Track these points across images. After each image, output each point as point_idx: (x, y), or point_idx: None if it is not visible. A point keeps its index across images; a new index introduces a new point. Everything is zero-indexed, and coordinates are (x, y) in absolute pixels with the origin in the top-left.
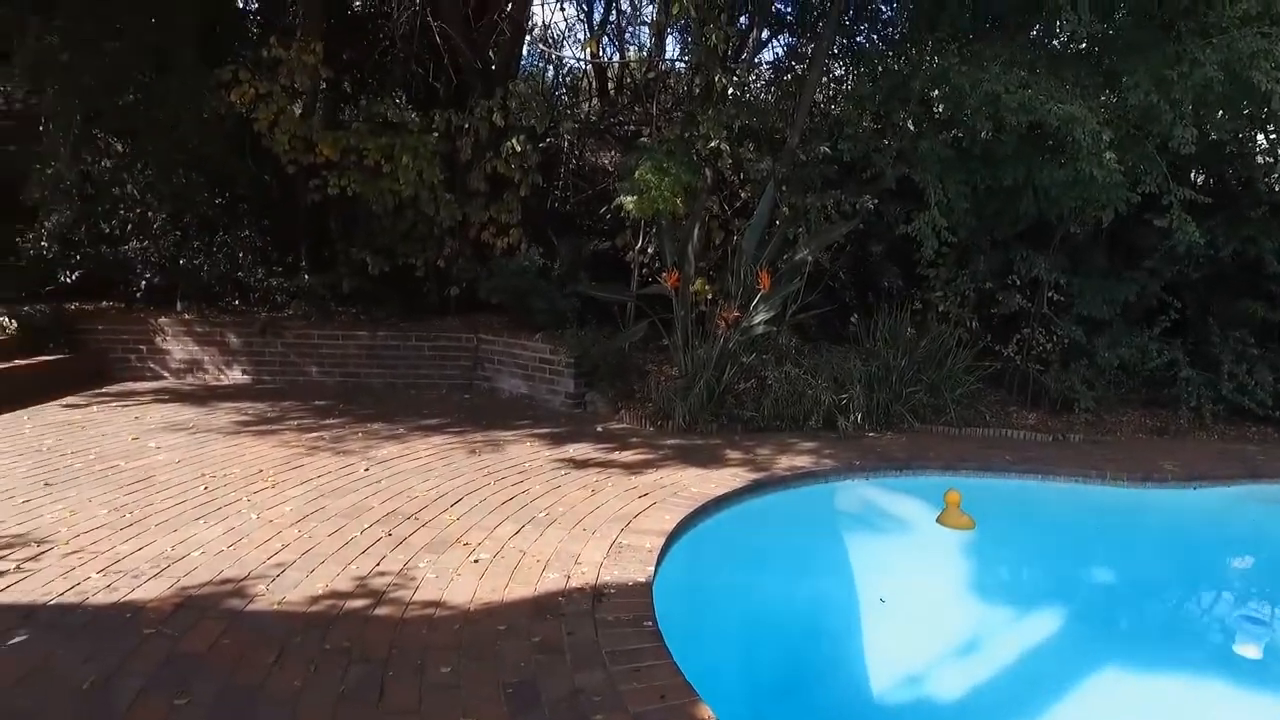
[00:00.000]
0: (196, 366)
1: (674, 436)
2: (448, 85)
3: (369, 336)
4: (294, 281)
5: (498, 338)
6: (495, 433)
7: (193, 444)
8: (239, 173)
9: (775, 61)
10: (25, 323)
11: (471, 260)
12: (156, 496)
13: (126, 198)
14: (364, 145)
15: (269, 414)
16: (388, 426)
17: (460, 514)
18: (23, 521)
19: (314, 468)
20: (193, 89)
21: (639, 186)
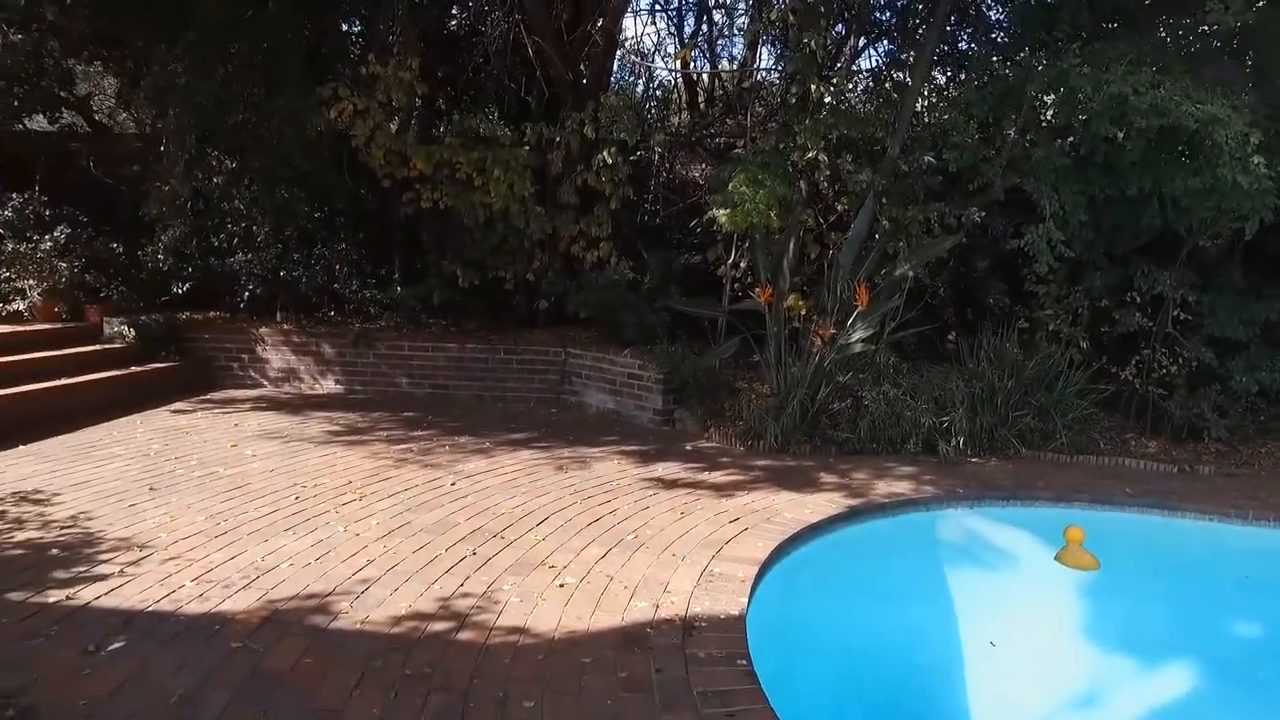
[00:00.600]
0: (293, 375)
1: (765, 457)
2: (539, 99)
3: (458, 349)
4: (387, 293)
5: (586, 352)
6: (582, 449)
7: (286, 453)
8: (337, 187)
9: (875, 69)
10: (142, 331)
11: (561, 274)
12: (250, 505)
13: (234, 212)
14: (456, 159)
15: (359, 424)
16: (475, 440)
17: (546, 534)
18: (129, 525)
19: (401, 480)
20: (296, 107)
21: (732, 199)
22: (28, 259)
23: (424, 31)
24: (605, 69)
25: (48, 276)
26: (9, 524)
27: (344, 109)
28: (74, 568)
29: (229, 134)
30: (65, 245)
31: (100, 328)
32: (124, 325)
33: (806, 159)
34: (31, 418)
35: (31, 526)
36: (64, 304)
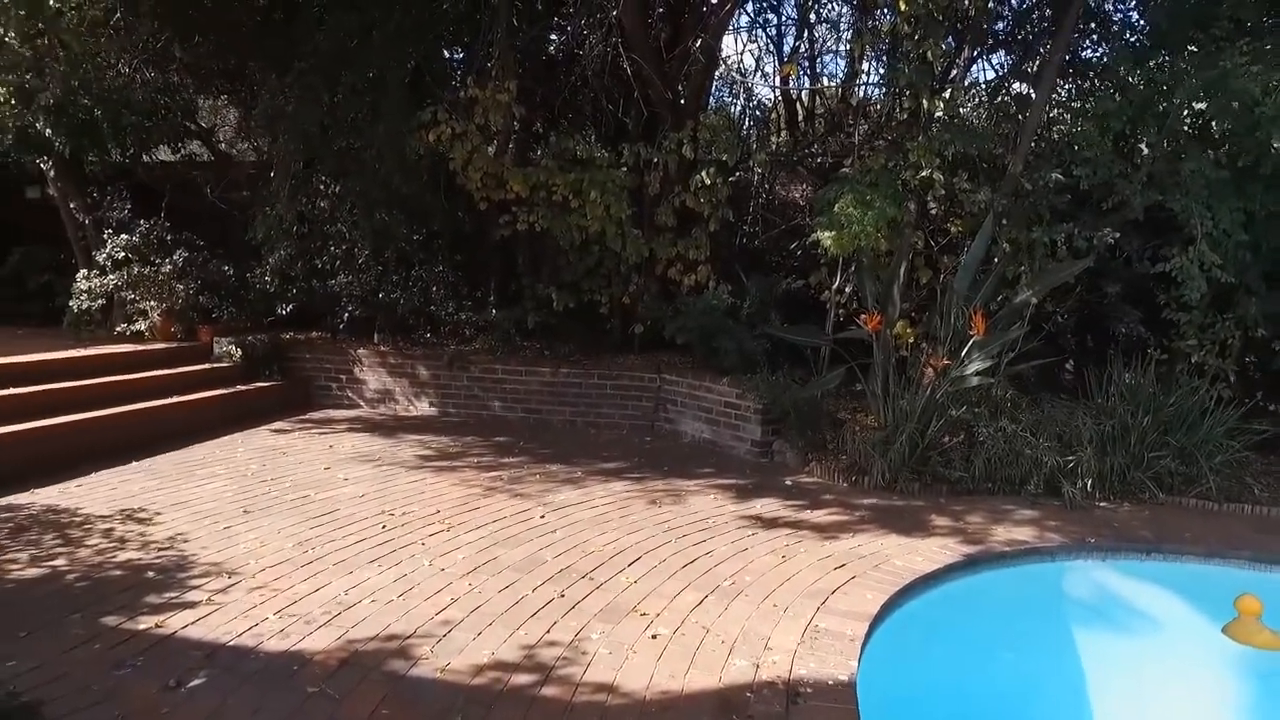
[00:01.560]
0: (388, 397)
1: (871, 495)
2: (637, 119)
3: (551, 373)
4: (482, 316)
5: (681, 379)
6: (677, 481)
7: (378, 477)
8: (434, 210)
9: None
10: (248, 351)
11: (657, 298)
12: (338, 533)
13: (336, 235)
14: (552, 181)
15: (451, 449)
16: (566, 469)
17: (638, 575)
18: (221, 549)
19: (490, 511)
20: (396, 131)
21: (838, 221)
22: (150, 281)
23: (522, 55)
24: (704, 88)
25: (167, 298)
26: (113, 543)
27: (442, 132)
28: (166, 593)
29: (333, 159)
30: (183, 268)
31: (211, 347)
32: (232, 345)
33: (919, 178)
34: (147, 434)
35: (133, 547)
36: (180, 324)
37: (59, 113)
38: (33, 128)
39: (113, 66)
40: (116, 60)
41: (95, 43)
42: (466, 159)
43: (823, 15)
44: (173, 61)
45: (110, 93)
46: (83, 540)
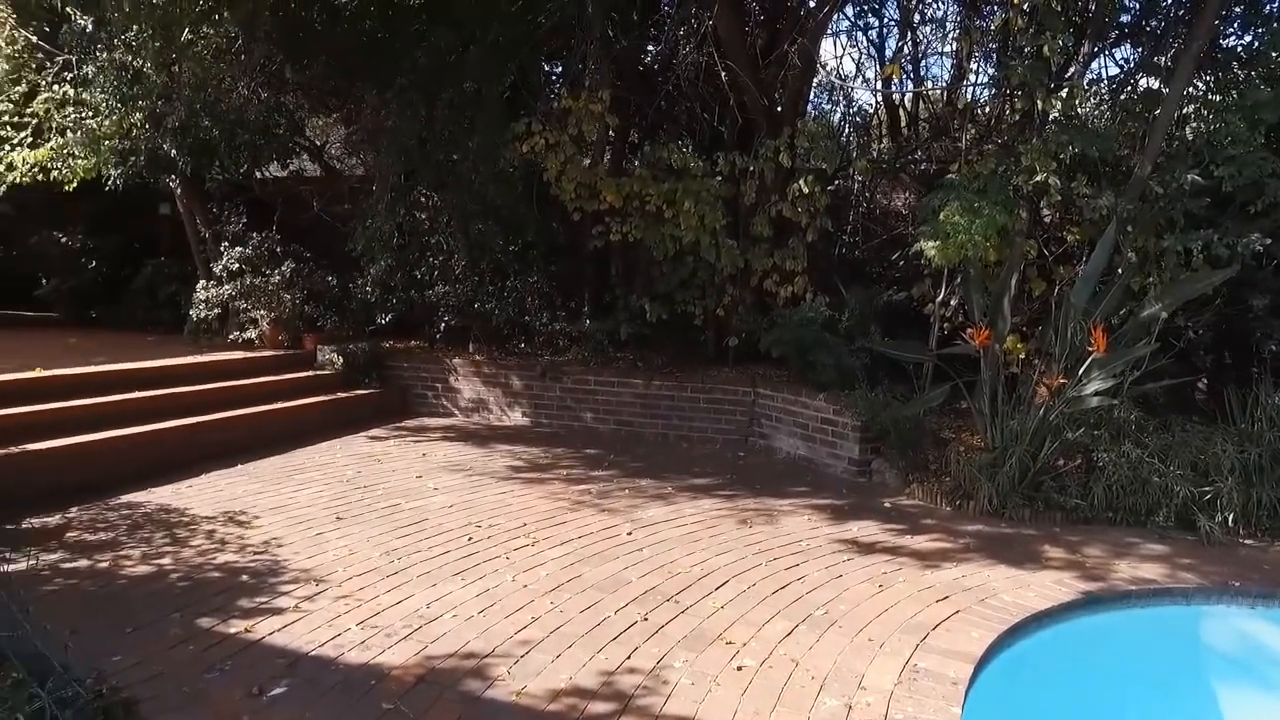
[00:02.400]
0: (482, 406)
1: (976, 521)
2: (732, 128)
3: (644, 385)
4: (576, 326)
5: (776, 393)
6: (769, 500)
7: (467, 487)
8: (529, 221)
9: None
10: (349, 360)
11: (752, 309)
12: (425, 543)
13: (434, 247)
14: (646, 191)
15: (541, 460)
16: (656, 484)
17: (725, 600)
18: (312, 555)
19: (576, 526)
20: (491, 143)
21: (943, 230)
22: (261, 291)
23: (616, 65)
24: (801, 94)
25: (275, 307)
26: (214, 544)
27: (536, 144)
28: (257, 597)
29: (431, 171)
30: (290, 279)
31: (314, 355)
32: (334, 353)
33: (1032, 183)
34: (254, 438)
35: (231, 549)
36: (287, 333)
37: (183, 134)
38: (161, 148)
39: (231, 90)
40: (234, 83)
41: (216, 68)
42: (560, 170)
43: (927, 15)
44: (284, 83)
45: (228, 113)
46: (187, 540)
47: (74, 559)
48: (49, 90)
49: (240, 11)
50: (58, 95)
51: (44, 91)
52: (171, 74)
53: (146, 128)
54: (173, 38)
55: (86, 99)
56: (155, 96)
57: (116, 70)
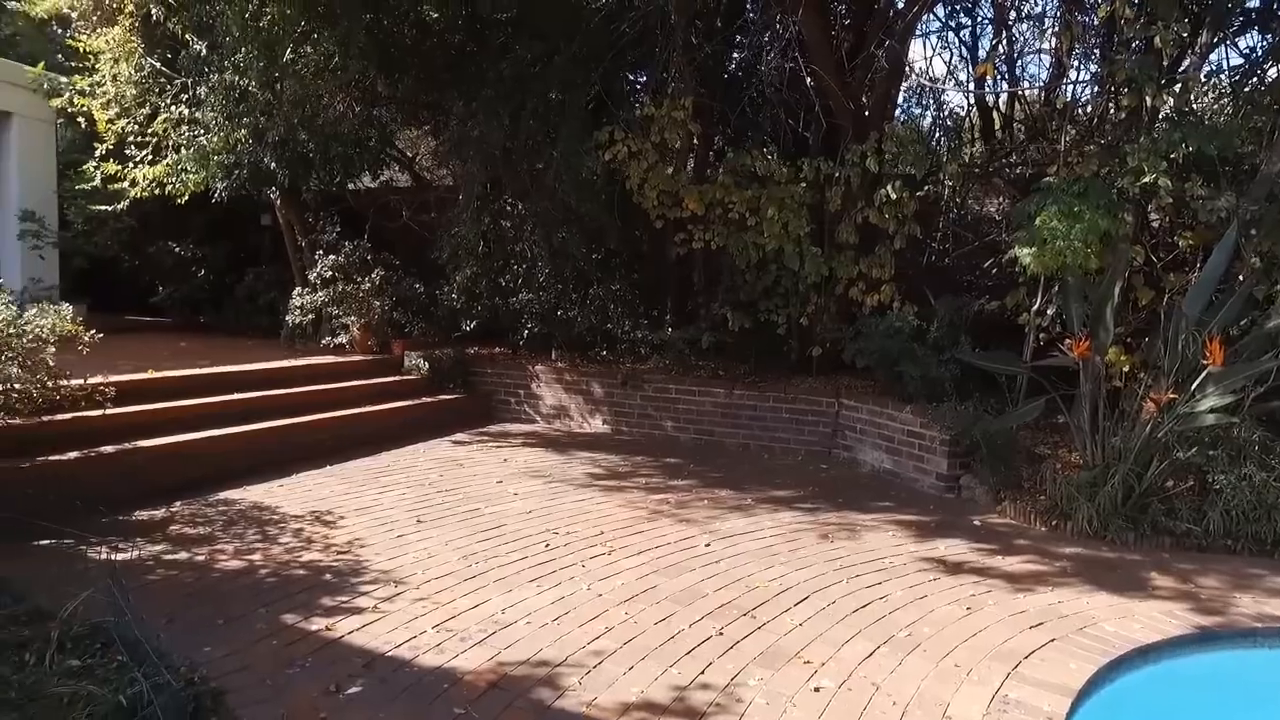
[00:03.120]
0: (563, 413)
1: (1074, 544)
2: (816, 133)
3: (725, 394)
4: (657, 334)
5: (861, 404)
6: (852, 515)
7: (546, 494)
8: (611, 229)
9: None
10: (434, 365)
11: (836, 318)
12: (503, 549)
13: (517, 255)
14: (729, 198)
15: (620, 468)
16: (735, 494)
17: (803, 618)
18: (392, 556)
19: (654, 535)
20: (574, 151)
21: (1040, 236)
22: (352, 298)
23: (700, 71)
24: (889, 98)
25: (365, 313)
26: (300, 543)
27: (619, 151)
28: (339, 596)
29: (515, 180)
30: (380, 286)
31: (402, 360)
32: (420, 359)
33: (1140, 184)
34: (343, 440)
35: (316, 548)
36: (376, 338)
37: (282, 147)
38: (262, 162)
39: (328, 105)
40: (330, 99)
41: (314, 84)
42: (643, 177)
43: (1024, 12)
44: (377, 97)
45: (324, 127)
46: (277, 538)
47: (174, 551)
48: (166, 111)
49: (338, 30)
50: (174, 115)
51: (163, 112)
52: (274, 91)
53: (249, 143)
54: (275, 57)
55: (199, 118)
56: (258, 113)
57: (225, 90)
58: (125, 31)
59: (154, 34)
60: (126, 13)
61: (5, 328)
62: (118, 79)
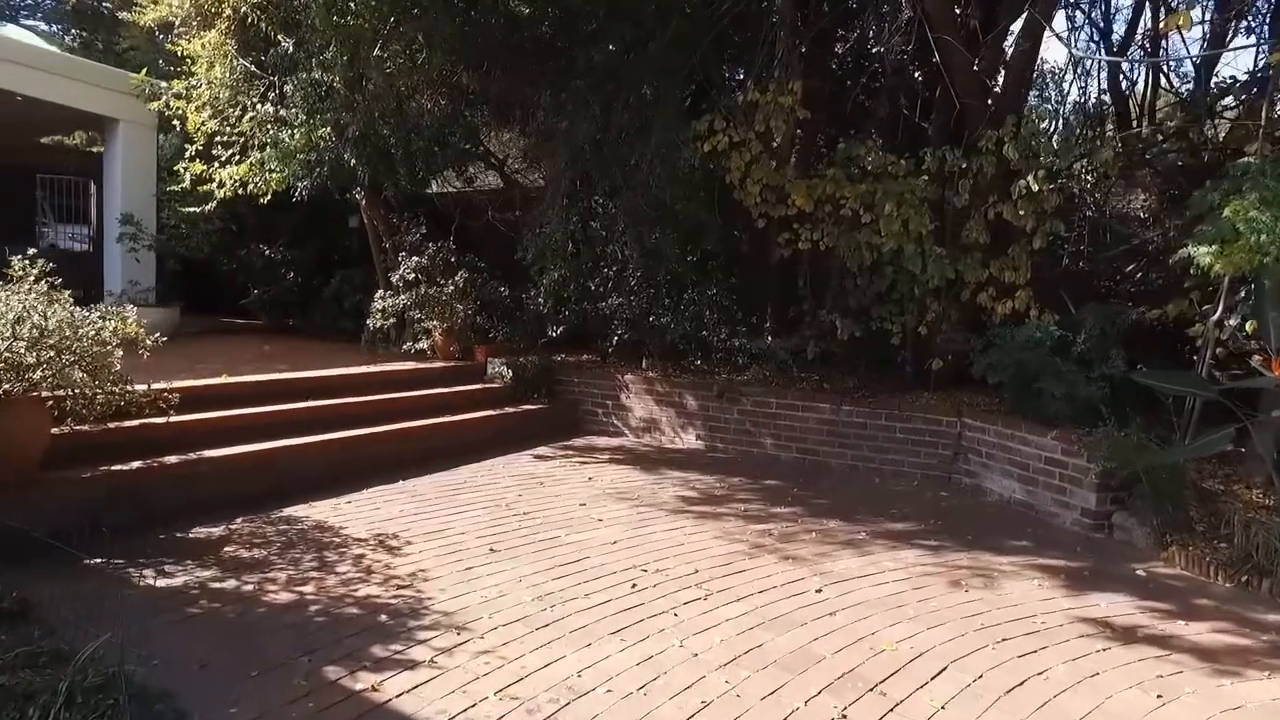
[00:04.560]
0: (654, 426)
1: (1276, 609)
2: (940, 120)
3: (831, 410)
4: (756, 343)
5: (988, 425)
6: (984, 556)
7: (634, 520)
8: (709, 228)
9: None
10: (518, 373)
11: (959, 327)
12: (583, 588)
13: (608, 257)
14: (840, 193)
15: (716, 491)
16: (846, 526)
17: (944, 696)
18: (458, 595)
19: (756, 576)
20: (669, 143)
21: (1227, 229)
22: (434, 301)
23: (807, 55)
24: (1025, 78)
25: (448, 318)
26: (359, 573)
27: (718, 142)
28: (392, 644)
29: (605, 175)
30: (463, 289)
31: (485, 367)
32: (504, 366)
33: None
34: (419, 451)
35: (376, 580)
36: (458, 344)
37: (362, 143)
38: (342, 158)
39: (409, 97)
40: (412, 92)
41: (397, 79)
42: (744, 171)
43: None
44: (462, 91)
45: (405, 120)
46: (335, 565)
47: (224, 578)
48: (252, 110)
49: (423, 22)
50: (259, 114)
51: (248, 111)
52: (358, 86)
53: (331, 139)
54: (359, 52)
55: (283, 115)
56: (339, 108)
57: (310, 87)
58: (221, 34)
59: (248, 35)
60: (224, 16)
61: (65, 329)
62: (212, 82)
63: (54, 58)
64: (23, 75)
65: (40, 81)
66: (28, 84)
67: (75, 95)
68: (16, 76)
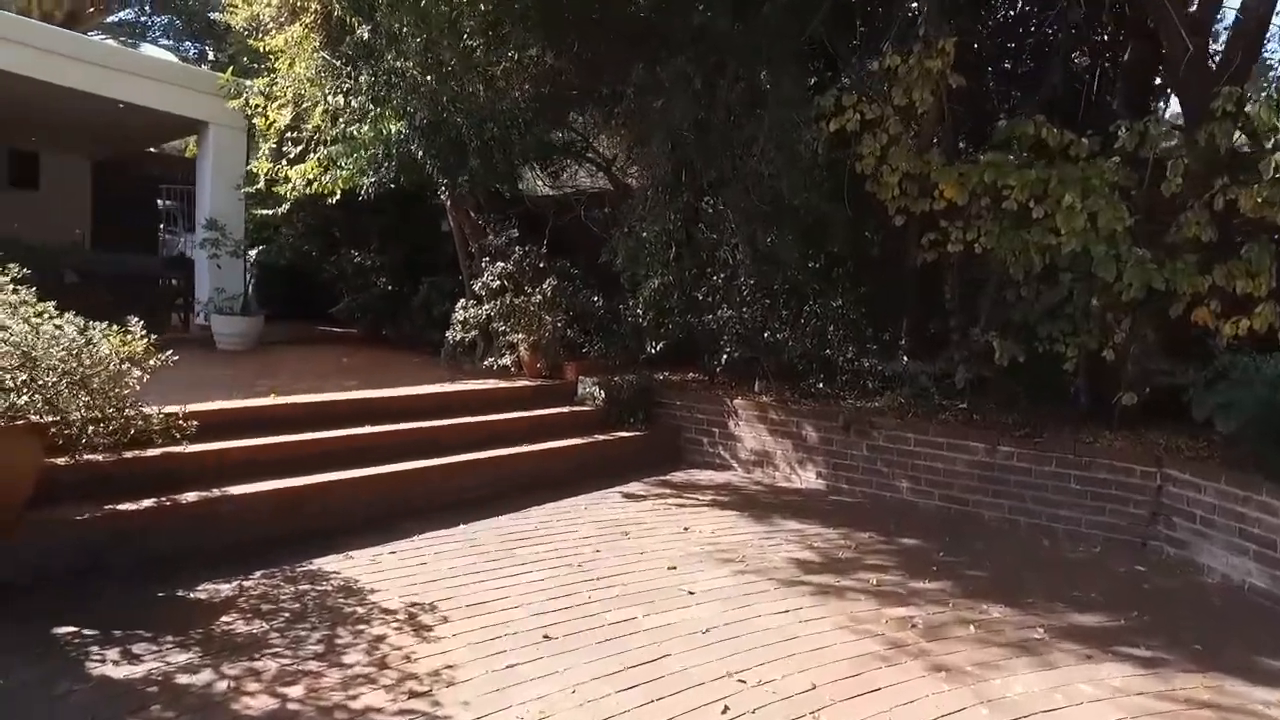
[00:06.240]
0: (766, 460)
1: None
2: (1126, 89)
3: (985, 450)
4: (890, 365)
5: (1204, 481)
6: (1231, 683)
7: (735, 596)
8: (834, 227)
9: None
10: (612, 394)
11: (1157, 350)
12: (657, 706)
13: (715, 262)
14: (1005, 181)
15: (840, 552)
16: (1015, 615)
17: None
18: (489, 712)
19: (896, 700)
20: (787, 122)
21: None
22: (521, 312)
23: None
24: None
25: (535, 330)
26: (371, 666)
27: (847, 120)
28: None
29: (710, 163)
30: (552, 298)
31: (574, 387)
32: (595, 386)
33: None
34: (487, 488)
35: (386, 680)
36: (546, 360)
37: (433, 132)
38: (409, 149)
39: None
40: (491, 75)
41: (470, 59)
42: (880, 155)
43: None
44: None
45: (479, 107)
46: (343, 653)
47: (199, 667)
48: (323, 103)
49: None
50: (331, 106)
51: (319, 105)
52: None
53: (401, 130)
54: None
55: (354, 105)
56: (409, 94)
57: (384, 74)
58: (304, 28)
59: (331, 27)
60: (309, 10)
61: (76, 350)
62: (294, 78)
63: (145, 60)
64: (118, 80)
65: (134, 86)
66: (123, 89)
67: (168, 99)
68: (110, 81)
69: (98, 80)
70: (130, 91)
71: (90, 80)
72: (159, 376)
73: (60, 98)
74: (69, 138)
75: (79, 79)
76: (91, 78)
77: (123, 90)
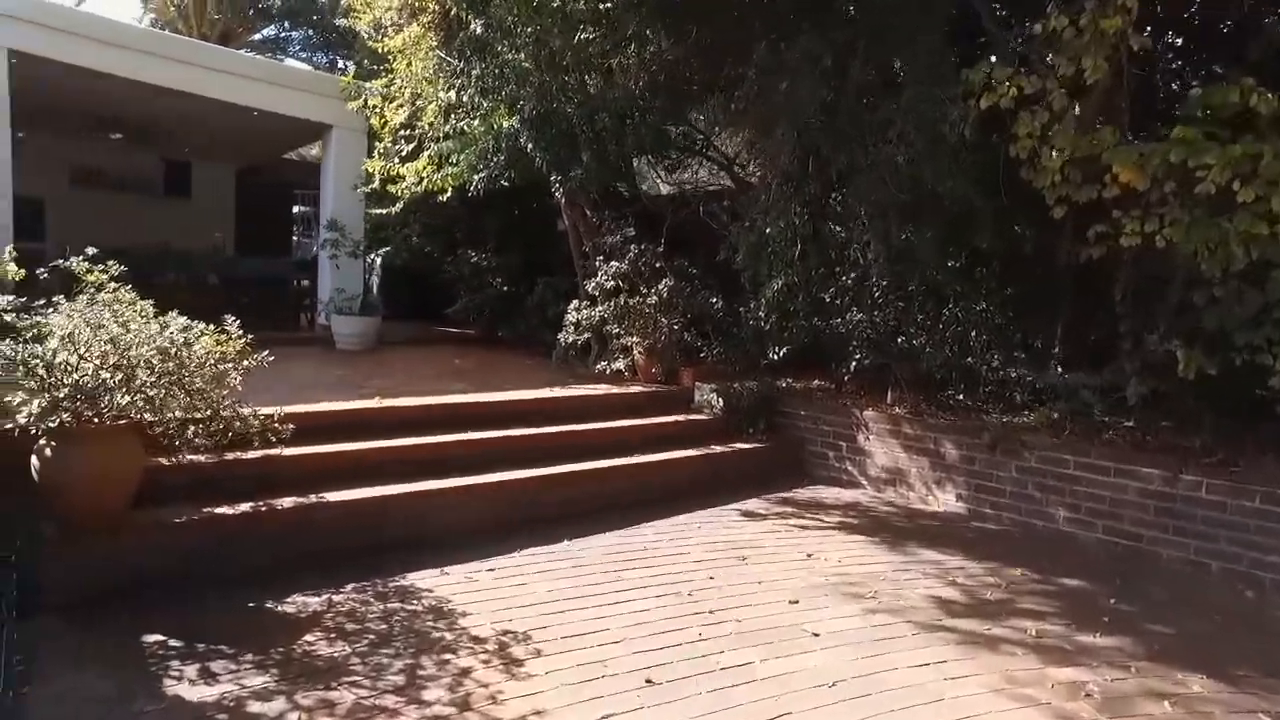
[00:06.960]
0: (900, 479)
1: None
2: None
3: (1163, 478)
4: (1043, 376)
5: None
6: None
7: (866, 641)
8: (981, 220)
9: None
10: (731, 402)
11: None
12: None
13: (844, 260)
14: (1198, 161)
15: (987, 591)
16: (1224, 692)
17: None
18: None
19: None
20: (929, 99)
21: None
22: (635, 313)
23: None
24: None
25: (650, 333)
26: (451, 705)
27: (1001, 96)
28: None
29: (840, 150)
30: (669, 299)
31: (691, 393)
32: (713, 393)
33: None
34: (598, 501)
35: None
36: (661, 365)
37: (542, 123)
38: (518, 142)
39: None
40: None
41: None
42: (1038, 136)
43: None
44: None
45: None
46: (424, 686)
47: (273, 693)
48: (435, 100)
49: None
50: (443, 102)
51: (430, 101)
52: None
53: (513, 124)
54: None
55: (465, 100)
56: (516, 84)
57: (497, 68)
58: (423, 27)
59: (448, 26)
60: (428, 10)
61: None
62: (413, 78)
63: (275, 68)
64: (251, 88)
65: (266, 93)
66: (257, 96)
67: (295, 104)
68: (245, 89)
69: (237, 90)
70: (263, 99)
71: (230, 90)
72: (270, 376)
73: (208, 109)
74: (215, 148)
75: (222, 90)
76: (231, 88)
77: (256, 98)
